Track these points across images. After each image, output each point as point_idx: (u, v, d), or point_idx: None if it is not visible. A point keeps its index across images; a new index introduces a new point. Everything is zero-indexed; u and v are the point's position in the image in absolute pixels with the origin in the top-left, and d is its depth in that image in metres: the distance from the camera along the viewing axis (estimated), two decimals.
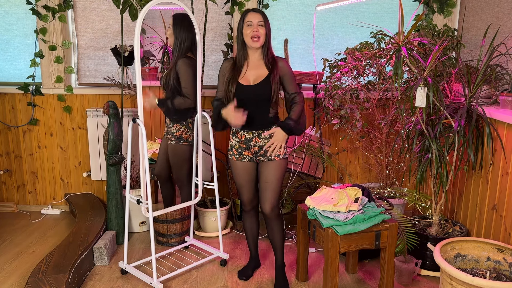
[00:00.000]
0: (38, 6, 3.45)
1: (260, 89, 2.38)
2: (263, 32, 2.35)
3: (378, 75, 3.01)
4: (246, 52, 2.42)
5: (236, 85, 2.38)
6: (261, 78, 2.39)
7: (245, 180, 2.51)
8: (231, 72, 2.43)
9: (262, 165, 2.47)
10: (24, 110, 3.65)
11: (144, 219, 3.35)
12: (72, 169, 3.75)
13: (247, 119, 2.37)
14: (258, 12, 2.37)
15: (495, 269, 2.28)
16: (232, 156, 2.51)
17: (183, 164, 2.91)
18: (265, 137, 2.43)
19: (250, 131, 2.44)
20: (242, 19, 2.38)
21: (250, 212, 2.62)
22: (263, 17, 2.37)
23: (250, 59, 2.43)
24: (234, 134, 2.49)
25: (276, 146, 2.39)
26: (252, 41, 2.34)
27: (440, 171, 2.57)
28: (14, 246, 3.10)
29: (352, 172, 3.67)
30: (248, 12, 2.38)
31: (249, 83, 2.40)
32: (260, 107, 2.41)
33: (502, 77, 2.70)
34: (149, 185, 2.46)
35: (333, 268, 2.28)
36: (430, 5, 3.39)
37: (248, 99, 2.39)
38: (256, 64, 2.42)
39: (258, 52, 2.42)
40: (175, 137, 2.84)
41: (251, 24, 2.34)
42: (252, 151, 2.46)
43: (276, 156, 2.42)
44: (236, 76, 2.40)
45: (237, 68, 2.43)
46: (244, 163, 2.49)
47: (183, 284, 2.61)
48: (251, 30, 2.33)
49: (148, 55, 3.45)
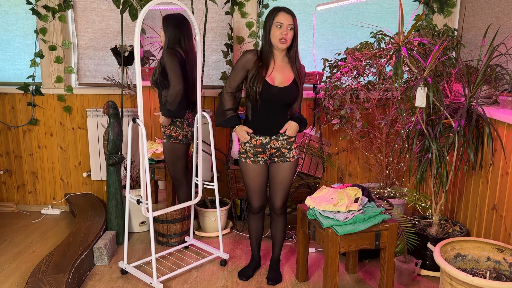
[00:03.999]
0: (38, 6, 3.45)
1: (287, 92, 2.34)
2: (291, 36, 2.27)
3: (378, 75, 3.01)
4: (273, 52, 2.34)
5: (263, 84, 2.30)
6: (287, 81, 2.35)
7: (259, 184, 2.51)
8: (256, 68, 2.33)
9: (276, 166, 2.47)
10: (24, 110, 3.65)
11: (144, 219, 3.35)
12: (72, 169, 3.75)
13: (267, 124, 2.39)
14: (290, 14, 2.26)
15: (495, 269, 2.28)
16: (247, 159, 2.46)
17: (175, 161, 2.94)
18: (283, 139, 2.42)
19: (267, 135, 2.42)
20: (272, 17, 2.27)
21: (258, 215, 2.62)
22: (294, 20, 2.27)
23: (276, 59, 2.35)
24: (246, 141, 2.47)
25: (294, 127, 2.41)
26: (280, 43, 2.27)
27: (440, 171, 2.57)
28: (14, 246, 3.10)
29: (352, 172, 3.67)
30: (279, 12, 2.26)
31: (274, 83, 2.34)
32: (281, 110, 2.39)
33: (502, 77, 2.70)
34: (149, 185, 2.46)
35: (333, 268, 2.28)
36: (430, 5, 3.39)
37: (271, 100, 2.34)
38: (281, 65, 2.36)
39: (283, 53, 2.35)
40: (166, 135, 2.90)
41: (281, 25, 2.24)
42: (268, 153, 2.46)
43: (291, 158, 2.44)
44: (263, 73, 2.32)
45: (263, 65, 2.33)
46: (259, 166, 2.47)
47: (183, 284, 2.61)
48: (280, 32, 2.25)
49: (148, 55, 3.45)
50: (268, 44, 2.32)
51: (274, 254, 2.69)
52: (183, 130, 2.89)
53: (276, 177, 2.48)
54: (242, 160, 2.50)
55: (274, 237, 2.64)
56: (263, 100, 2.32)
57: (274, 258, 2.69)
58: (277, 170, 2.47)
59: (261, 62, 2.34)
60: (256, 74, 2.31)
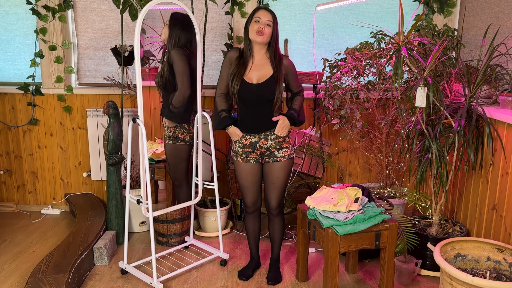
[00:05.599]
0: (38, 6, 3.45)
1: (264, 88, 2.37)
2: (269, 31, 2.32)
3: (378, 75, 3.01)
4: (252, 49, 2.39)
5: (240, 82, 2.36)
6: (266, 77, 2.38)
7: (250, 182, 2.52)
8: (237, 65, 2.40)
9: (268, 165, 2.48)
10: (24, 110, 3.65)
11: (144, 219, 3.35)
12: (72, 169, 3.75)
13: (251, 120, 2.40)
14: (269, 11, 2.34)
15: (495, 269, 2.28)
16: (238, 157, 2.51)
17: (179, 163, 2.94)
18: (271, 138, 2.43)
19: (256, 134, 2.44)
20: (251, 14, 2.35)
21: (253, 214, 2.63)
22: (273, 17, 2.33)
23: (255, 57, 2.40)
24: (237, 140, 2.49)
25: (284, 127, 2.41)
26: (256, 35, 2.31)
27: (440, 171, 2.57)
28: (14, 246, 3.10)
29: (352, 172, 3.67)
30: (259, 9, 2.34)
31: (252, 81, 2.38)
32: (264, 108, 2.40)
33: (502, 77, 2.70)
34: (149, 185, 2.46)
35: (333, 268, 2.28)
36: (430, 5, 3.39)
37: (251, 98, 2.38)
38: (260, 63, 2.40)
39: (263, 51, 2.40)
40: (173, 137, 2.87)
41: (259, 20, 2.31)
42: (258, 152, 2.47)
43: (282, 157, 2.44)
44: (241, 71, 2.38)
45: (243, 63, 2.40)
46: (250, 164, 2.49)
47: (183, 284, 2.61)
48: (257, 26, 2.31)
49: (148, 55, 3.45)
50: (247, 40, 2.38)
51: (273, 254, 2.69)
52: (190, 131, 2.89)
53: (268, 176, 2.50)
54: (234, 159, 2.55)
55: (273, 237, 2.65)
56: (244, 98, 2.38)
57: (273, 257, 2.70)
58: (269, 170, 2.48)
59: (242, 59, 2.41)
60: (236, 72, 2.38)
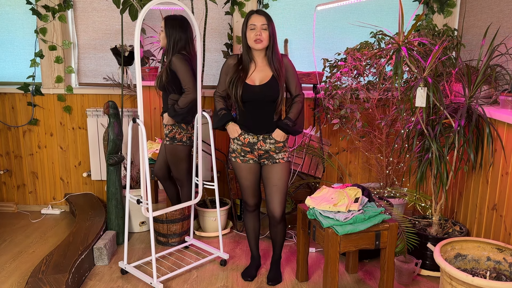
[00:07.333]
0: (38, 6, 3.45)
1: (266, 89, 2.37)
2: (266, 36, 2.33)
3: (378, 75, 3.01)
4: (252, 54, 2.41)
5: (243, 85, 2.37)
6: (268, 78, 2.39)
7: (251, 182, 2.53)
8: (236, 72, 2.41)
9: (267, 168, 2.48)
10: (24, 110, 3.65)
11: (144, 219, 3.35)
12: (72, 169, 3.75)
13: (252, 122, 2.40)
14: (261, 14, 2.33)
15: (495, 269, 2.28)
16: (237, 158, 2.51)
17: (179, 163, 2.93)
18: (270, 142, 2.43)
19: (255, 134, 2.44)
20: (245, 21, 2.35)
21: (253, 213, 2.63)
22: (267, 20, 2.33)
23: (257, 61, 2.42)
24: (235, 137, 2.50)
25: (279, 139, 2.43)
26: (255, 44, 2.33)
27: (440, 171, 2.57)
28: (14, 246, 3.10)
29: (352, 172, 3.67)
30: (251, 15, 2.34)
31: (255, 83, 2.39)
32: (266, 109, 2.41)
33: (502, 77, 2.70)
34: (149, 185, 2.46)
35: (333, 268, 2.28)
36: (430, 5, 3.39)
37: (254, 99, 2.39)
38: (262, 65, 2.42)
39: (263, 54, 2.41)
40: (169, 137, 2.89)
41: (254, 27, 2.31)
42: (256, 154, 2.47)
43: (281, 159, 2.45)
44: (242, 76, 2.38)
45: (243, 68, 2.41)
46: (249, 164, 2.49)
47: (183, 284, 2.61)
48: (254, 34, 2.31)
49: (148, 55, 3.45)
50: (246, 47, 2.40)
51: (274, 255, 2.68)
52: (188, 132, 2.89)
53: (269, 178, 2.47)
54: (232, 159, 2.54)
55: (274, 240, 2.63)
56: (247, 101, 2.39)
57: (274, 258, 2.69)
58: (269, 172, 2.47)
59: (241, 65, 2.42)
60: (236, 77, 2.39)
